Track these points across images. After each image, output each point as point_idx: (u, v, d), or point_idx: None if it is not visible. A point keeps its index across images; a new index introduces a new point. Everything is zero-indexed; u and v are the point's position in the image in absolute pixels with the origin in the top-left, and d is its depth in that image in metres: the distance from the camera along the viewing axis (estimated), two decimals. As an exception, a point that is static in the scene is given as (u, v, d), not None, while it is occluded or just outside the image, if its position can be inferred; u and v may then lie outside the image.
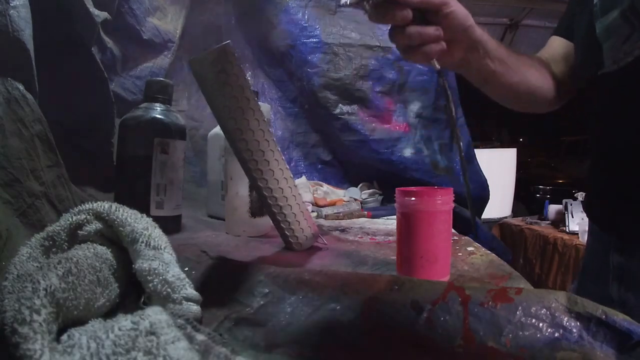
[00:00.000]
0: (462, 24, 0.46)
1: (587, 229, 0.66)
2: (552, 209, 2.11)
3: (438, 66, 0.46)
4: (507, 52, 0.54)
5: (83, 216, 0.34)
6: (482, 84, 0.55)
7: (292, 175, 0.53)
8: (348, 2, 0.41)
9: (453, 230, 0.60)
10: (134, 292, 0.33)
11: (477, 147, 1.25)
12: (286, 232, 0.53)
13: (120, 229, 0.33)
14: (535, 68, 0.60)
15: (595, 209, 0.60)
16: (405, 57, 0.45)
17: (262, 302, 0.35)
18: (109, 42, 0.78)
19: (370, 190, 1.05)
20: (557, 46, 0.64)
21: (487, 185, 1.13)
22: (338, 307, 0.32)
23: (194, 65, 0.47)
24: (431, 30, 0.43)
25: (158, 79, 0.66)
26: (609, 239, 0.55)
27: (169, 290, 0.31)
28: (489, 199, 1.15)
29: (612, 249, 0.55)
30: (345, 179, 1.16)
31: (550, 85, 0.61)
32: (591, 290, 0.59)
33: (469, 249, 0.55)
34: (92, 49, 0.67)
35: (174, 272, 0.32)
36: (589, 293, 0.57)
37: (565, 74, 0.62)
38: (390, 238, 0.62)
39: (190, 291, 0.32)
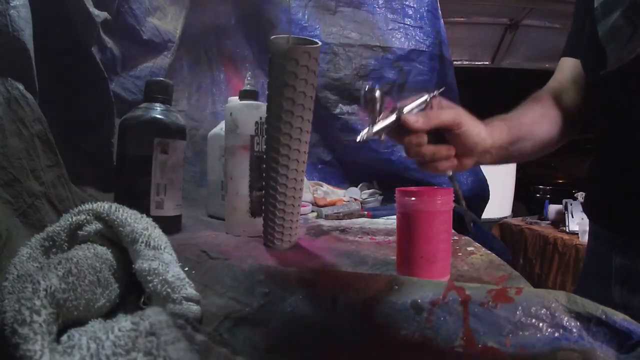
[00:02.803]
0: (473, 141, 0.47)
1: (587, 229, 0.66)
2: (552, 209, 2.11)
3: (450, 173, 0.48)
4: (519, 124, 0.54)
5: (83, 216, 0.34)
6: (498, 163, 0.56)
7: (302, 185, 0.54)
8: (365, 138, 0.44)
9: (453, 230, 0.60)
10: (134, 292, 0.33)
11: (477, 147, 1.24)
12: (271, 230, 0.54)
13: (120, 229, 0.33)
14: (546, 118, 0.59)
15: (597, 208, 0.60)
16: (419, 168, 0.48)
17: (262, 302, 0.35)
18: (109, 42, 0.78)
19: (370, 190, 1.05)
20: (566, 69, 0.63)
21: (487, 185, 1.13)
22: (338, 307, 0.32)
23: (278, 44, 0.47)
24: (443, 150, 0.45)
25: (158, 79, 0.66)
26: (612, 240, 0.55)
27: (169, 290, 0.31)
28: (489, 198, 1.15)
29: (615, 250, 0.54)
30: (345, 179, 1.16)
31: (559, 128, 0.60)
32: (592, 293, 0.58)
33: (469, 249, 0.55)
34: (92, 49, 0.67)
35: (174, 272, 0.32)
36: (590, 296, 0.57)
37: (576, 101, 0.61)
38: (390, 238, 0.62)
39: (190, 291, 0.32)
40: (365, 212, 0.86)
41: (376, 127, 0.44)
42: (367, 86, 0.44)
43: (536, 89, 0.66)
